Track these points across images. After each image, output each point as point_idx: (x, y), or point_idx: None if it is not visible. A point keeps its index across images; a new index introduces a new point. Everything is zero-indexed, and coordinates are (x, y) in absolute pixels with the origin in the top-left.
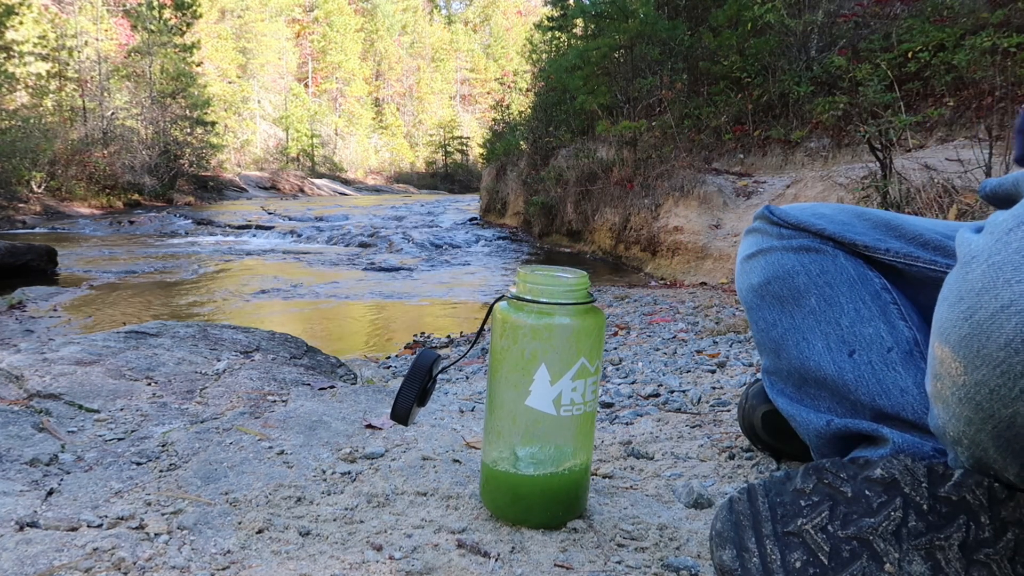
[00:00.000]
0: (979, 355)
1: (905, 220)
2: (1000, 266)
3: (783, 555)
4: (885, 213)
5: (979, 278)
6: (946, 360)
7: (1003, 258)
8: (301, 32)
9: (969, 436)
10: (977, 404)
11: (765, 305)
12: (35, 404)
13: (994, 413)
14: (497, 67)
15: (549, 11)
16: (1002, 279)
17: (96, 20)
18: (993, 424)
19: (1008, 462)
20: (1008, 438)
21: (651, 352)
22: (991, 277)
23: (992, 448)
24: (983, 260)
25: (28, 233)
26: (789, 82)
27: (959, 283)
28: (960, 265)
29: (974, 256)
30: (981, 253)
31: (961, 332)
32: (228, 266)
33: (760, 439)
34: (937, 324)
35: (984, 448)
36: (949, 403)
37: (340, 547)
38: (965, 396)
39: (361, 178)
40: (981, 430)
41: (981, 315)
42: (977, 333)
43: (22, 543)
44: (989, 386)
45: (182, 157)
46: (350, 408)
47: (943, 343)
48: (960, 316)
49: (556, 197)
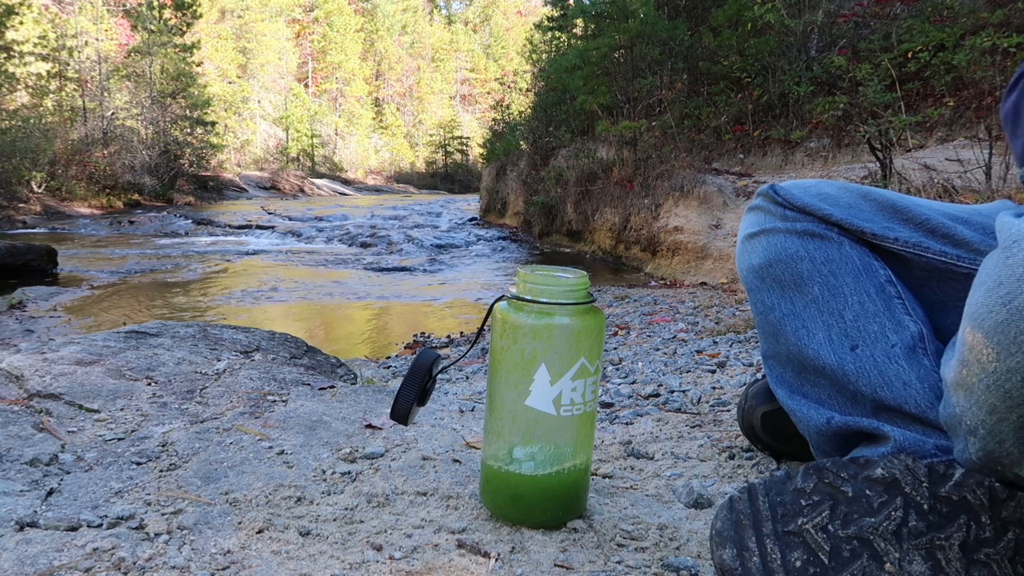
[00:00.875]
0: (1015, 342)
1: (911, 203)
2: None
3: (783, 554)
4: (890, 194)
5: (1020, 263)
6: (977, 346)
7: None
8: (301, 32)
9: (989, 426)
10: (1006, 392)
11: (765, 288)
12: (35, 404)
13: (1023, 402)
14: (497, 67)
15: (549, 11)
16: None
17: (96, 20)
18: (1019, 413)
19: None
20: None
21: (651, 352)
22: None
23: (1011, 439)
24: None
25: (28, 233)
26: (789, 82)
27: (999, 267)
28: (1001, 249)
29: (1015, 240)
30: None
31: (998, 318)
32: (228, 266)
33: (760, 439)
34: (971, 309)
35: (1001, 439)
36: (975, 390)
37: (340, 547)
38: (994, 383)
39: (361, 178)
40: (1004, 419)
41: (1021, 301)
42: (1016, 319)
43: (22, 543)
44: (1022, 373)
45: (182, 157)
46: (350, 408)
47: (976, 328)
48: (998, 301)
49: (556, 197)
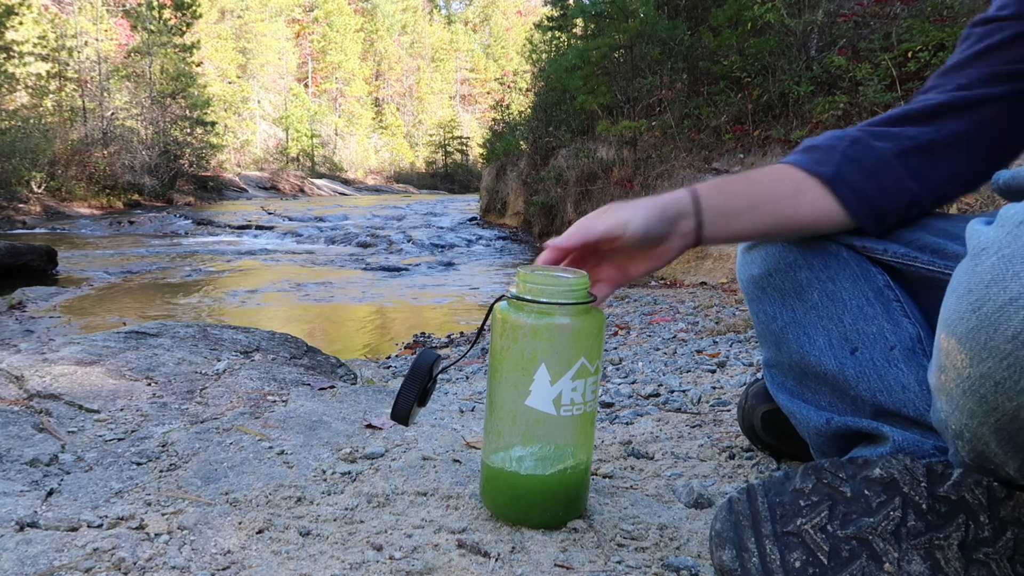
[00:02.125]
0: (986, 347)
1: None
2: (1010, 259)
3: (783, 555)
4: None
5: (988, 270)
6: (952, 352)
7: (1013, 251)
8: (301, 32)
9: (971, 429)
10: (981, 397)
11: (766, 298)
12: (35, 404)
13: (998, 406)
14: (497, 67)
15: (549, 11)
16: (1011, 272)
17: (96, 20)
18: (996, 417)
19: (1009, 456)
20: (1011, 432)
21: (651, 352)
22: (1000, 270)
23: (994, 442)
24: (993, 252)
25: (28, 233)
26: (789, 82)
27: (968, 275)
28: (970, 257)
29: (984, 248)
30: (991, 245)
31: (968, 324)
32: (228, 266)
33: (760, 439)
34: (944, 315)
35: (986, 442)
36: (953, 395)
37: (340, 547)
38: (970, 388)
39: (361, 178)
40: (984, 423)
41: (989, 307)
42: (985, 325)
43: (22, 543)
44: (994, 379)
45: (182, 157)
46: (350, 408)
47: (949, 335)
48: (968, 308)
49: (556, 197)
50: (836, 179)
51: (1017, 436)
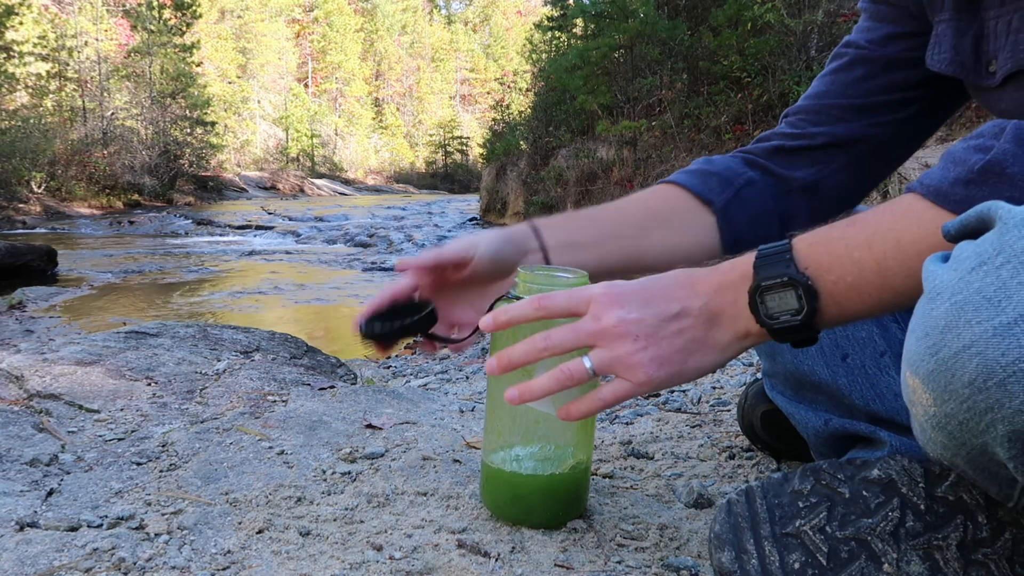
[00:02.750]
0: (946, 390)
1: None
2: (962, 305)
3: (782, 556)
4: None
5: (943, 316)
6: (917, 390)
7: (964, 297)
8: (301, 32)
9: (947, 459)
10: (949, 433)
11: None
12: (35, 404)
13: (965, 442)
14: (497, 67)
15: (549, 11)
16: (963, 319)
17: (96, 20)
18: (967, 451)
19: (987, 483)
20: (982, 463)
21: None
22: (953, 316)
23: (969, 471)
24: (947, 298)
25: (28, 233)
26: (789, 82)
27: (924, 318)
28: (926, 298)
29: (939, 292)
30: (945, 290)
31: (928, 367)
32: (228, 266)
33: (760, 439)
34: (906, 354)
35: (962, 469)
36: (924, 428)
37: (340, 547)
38: (937, 424)
39: (361, 178)
40: (956, 455)
41: (945, 353)
42: (943, 370)
43: (22, 543)
44: (958, 419)
45: (182, 157)
46: (350, 408)
47: (913, 374)
48: (927, 351)
49: (556, 197)
50: (724, 215)
51: (989, 467)
